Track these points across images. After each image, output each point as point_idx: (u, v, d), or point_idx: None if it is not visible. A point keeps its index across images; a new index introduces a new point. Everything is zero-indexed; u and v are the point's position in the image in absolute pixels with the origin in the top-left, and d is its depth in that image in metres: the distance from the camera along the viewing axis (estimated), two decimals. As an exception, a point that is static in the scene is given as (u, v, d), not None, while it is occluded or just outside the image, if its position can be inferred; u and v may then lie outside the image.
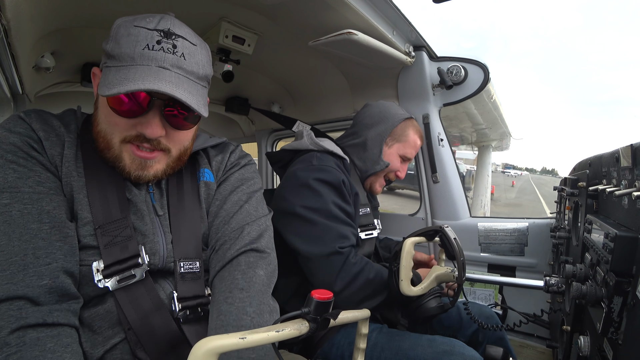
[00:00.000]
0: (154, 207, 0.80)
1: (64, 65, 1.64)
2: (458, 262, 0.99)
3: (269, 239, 0.87)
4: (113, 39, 0.70)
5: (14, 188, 0.65)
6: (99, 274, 0.70)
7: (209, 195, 0.87)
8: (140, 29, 0.69)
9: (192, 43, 0.73)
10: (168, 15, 0.74)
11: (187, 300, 0.77)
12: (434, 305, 1.06)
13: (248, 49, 1.58)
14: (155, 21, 0.70)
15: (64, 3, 1.19)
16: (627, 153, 0.70)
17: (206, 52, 0.77)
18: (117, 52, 0.68)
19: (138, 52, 0.67)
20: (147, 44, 0.68)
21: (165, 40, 0.69)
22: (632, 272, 0.63)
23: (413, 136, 1.40)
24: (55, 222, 0.67)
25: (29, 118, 0.73)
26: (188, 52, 0.71)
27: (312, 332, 0.57)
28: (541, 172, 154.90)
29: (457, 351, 0.98)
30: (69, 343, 0.62)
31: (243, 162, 0.95)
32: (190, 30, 0.75)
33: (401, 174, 1.45)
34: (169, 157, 0.78)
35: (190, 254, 0.80)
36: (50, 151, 0.72)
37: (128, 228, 0.74)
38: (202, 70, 0.74)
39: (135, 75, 0.66)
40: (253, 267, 0.79)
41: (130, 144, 0.73)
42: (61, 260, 0.66)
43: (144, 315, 0.71)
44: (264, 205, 0.92)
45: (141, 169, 0.74)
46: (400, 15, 1.41)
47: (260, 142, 2.71)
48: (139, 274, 0.73)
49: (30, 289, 0.61)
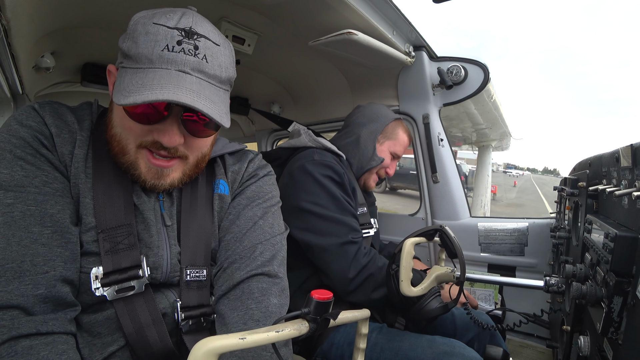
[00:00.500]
0: (162, 216, 0.76)
1: (64, 65, 1.63)
2: (460, 260, 0.99)
3: (282, 261, 0.83)
4: (130, 36, 0.65)
5: (20, 187, 0.63)
6: (97, 282, 0.67)
7: (222, 208, 0.83)
8: (160, 27, 0.63)
9: (215, 43, 0.68)
10: (190, 11, 0.68)
11: (190, 310, 0.75)
12: (436, 305, 1.06)
13: (248, 49, 1.58)
14: (176, 18, 0.65)
15: (64, 3, 1.19)
16: (627, 153, 0.70)
17: (229, 52, 0.72)
18: (135, 52, 0.63)
19: (157, 54, 0.62)
20: (166, 45, 0.63)
21: (187, 41, 0.64)
22: (632, 272, 0.63)
23: (402, 135, 1.49)
24: (57, 226, 0.65)
25: (42, 111, 0.69)
26: (211, 54, 0.66)
27: (312, 332, 0.57)
28: (542, 172, 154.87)
29: (458, 352, 0.98)
30: (65, 350, 0.60)
31: (261, 174, 0.89)
32: (213, 27, 0.70)
33: (390, 170, 1.51)
34: (186, 165, 0.73)
35: (198, 262, 0.77)
36: (60, 149, 0.69)
37: (132, 236, 0.70)
38: (224, 73, 0.70)
39: (153, 81, 0.61)
40: (267, 295, 0.74)
41: (146, 149, 0.69)
42: (60, 267, 0.63)
43: (140, 328, 0.68)
44: (280, 222, 0.87)
45: (157, 178, 0.71)
46: (400, 15, 1.41)
47: (260, 142, 2.71)
48: (138, 286, 0.69)
49: (25, 298, 0.59)
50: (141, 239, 0.72)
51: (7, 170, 0.63)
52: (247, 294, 0.74)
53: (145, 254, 0.72)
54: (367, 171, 1.44)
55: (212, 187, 0.83)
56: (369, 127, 1.45)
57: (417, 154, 1.85)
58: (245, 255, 0.78)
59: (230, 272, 0.76)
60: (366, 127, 1.45)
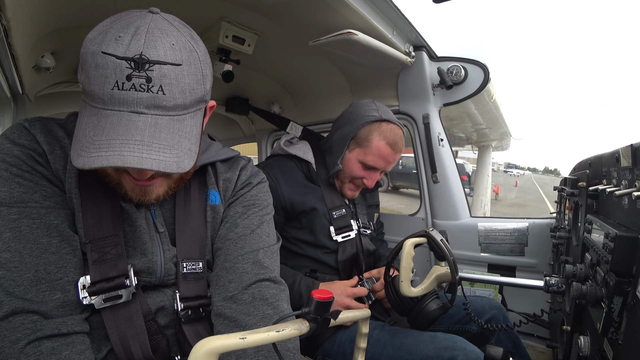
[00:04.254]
0: (155, 224, 0.77)
1: (64, 65, 1.63)
2: (449, 262, 1.00)
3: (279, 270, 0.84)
4: (83, 67, 0.59)
5: (21, 203, 0.65)
6: (84, 291, 0.67)
7: (215, 219, 0.83)
8: (108, 58, 0.56)
9: (173, 64, 0.59)
10: (144, 25, 0.59)
11: (189, 301, 0.77)
12: (435, 307, 1.07)
13: (248, 49, 1.58)
14: (127, 39, 0.57)
15: (64, 3, 1.19)
16: (627, 153, 0.70)
17: (197, 65, 0.63)
18: (89, 89, 0.59)
19: (107, 94, 0.57)
20: (116, 82, 0.56)
21: (137, 74, 0.56)
22: (632, 272, 0.63)
23: (378, 142, 1.27)
24: (63, 236, 0.67)
25: (33, 128, 0.70)
26: (168, 82, 0.59)
27: (313, 332, 0.57)
28: (543, 171, 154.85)
29: (459, 346, 0.98)
30: (83, 350, 0.63)
31: (255, 182, 0.89)
32: (173, 40, 0.60)
33: (368, 182, 1.33)
34: (170, 179, 0.73)
35: (194, 255, 0.79)
36: (54, 165, 0.70)
37: (119, 246, 0.71)
38: (189, 97, 0.62)
39: (102, 134, 0.57)
40: (280, 301, 0.76)
41: (126, 173, 0.67)
42: (72, 273, 0.66)
43: (124, 337, 0.70)
44: (274, 231, 0.88)
45: (142, 195, 0.71)
46: (400, 15, 1.41)
47: (260, 142, 2.71)
48: (126, 295, 0.70)
49: (43, 303, 0.62)
50: (135, 247, 0.74)
51: (5, 188, 0.64)
52: (260, 299, 0.74)
53: (139, 260, 0.73)
54: (335, 177, 1.36)
55: (204, 198, 0.83)
56: (341, 131, 1.35)
57: (417, 154, 1.85)
58: (249, 259, 0.78)
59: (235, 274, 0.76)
60: (339, 131, 1.36)
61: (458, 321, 1.28)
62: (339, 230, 1.33)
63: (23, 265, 0.62)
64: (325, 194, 1.35)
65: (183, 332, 0.76)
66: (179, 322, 0.76)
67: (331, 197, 1.36)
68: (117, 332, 0.69)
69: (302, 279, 1.23)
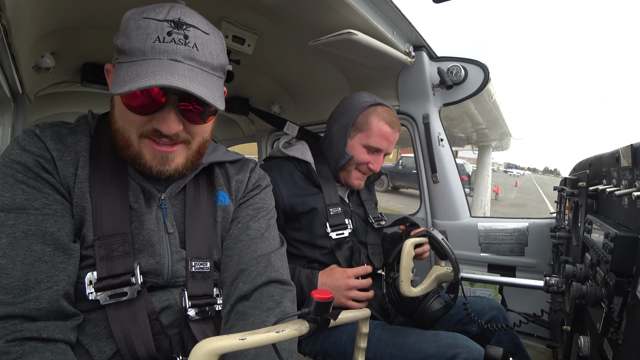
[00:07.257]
0: (165, 223, 0.79)
1: (64, 65, 1.64)
2: (451, 260, 1.00)
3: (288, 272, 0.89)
4: (123, 33, 0.68)
5: (21, 209, 0.66)
6: (90, 287, 0.69)
7: (225, 219, 0.86)
8: (150, 21, 0.66)
9: (204, 32, 0.70)
10: (178, 4, 0.71)
11: (196, 299, 0.78)
12: (439, 306, 1.07)
13: (248, 49, 1.58)
14: (164, 11, 0.68)
15: (64, 3, 1.19)
16: (627, 153, 0.70)
17: (220, 40, 0.74)
18: (128, 47, 0.66)
19: (149, 46, 0.65)
20: (157, 36, 0.65)
21: (176, 31, 0.66)
22: (632, 272, 0.63)
23: (377, 123, 1.32)
24: (58, 243, 0.67)
25: (44, 135, 0.72)
26: (201, 42, 0.69)
27: (313, 332, 0.57)
28: (543, 171, 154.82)
29: (462, 344, 0.99)
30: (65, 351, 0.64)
31: (263, 184, 0.95)
32: (202, 18, 0.72)
33: (374, 166, 1.36)
34: (188, 151, 0.77)
35: (202, 254, 0.81)
36: (63, 172, 0.71)
37: (127, 244, 0.72)
38: (216, 60, 0.71)
39: (147, 70, 0.64)
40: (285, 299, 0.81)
41: (149, 138, 0.72)
42: (63, 282, 0.66)
43: (128, 334, 0.70)
44: (279, 234, 0.94)
45: (162, 164, 0.73)
46: (400, 15, 1.41)
47: (260, 142, 2.71)
48: (131, 293, 0.71)
49: (28, 311, 0.62)
50: (143, 248, 0.74)
51: (9, 193, 0.66)
52: (267, 296, 0.79)
53: (146, 261, 0.74)
54: (341, 169, 1.38)
55: (213, 199, 0.87)
56: (339, 122, 1.37)
57: (417, 154, 1.85)
58: (262, 262, 0.83)
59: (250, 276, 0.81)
60: (337, 123, 1.38)
61: (458, 322, 1.28)
62: (334, 227, 1.33)
63: (14, 273, 0.62)
64: (325, 191, 1.37)
65: (187, 332, 0.76)
66: (186, 320, 0.76)
67: (330, 195, 1.37)
68: (121, 329, 0.70)
69: (301, 270, 1.23)
